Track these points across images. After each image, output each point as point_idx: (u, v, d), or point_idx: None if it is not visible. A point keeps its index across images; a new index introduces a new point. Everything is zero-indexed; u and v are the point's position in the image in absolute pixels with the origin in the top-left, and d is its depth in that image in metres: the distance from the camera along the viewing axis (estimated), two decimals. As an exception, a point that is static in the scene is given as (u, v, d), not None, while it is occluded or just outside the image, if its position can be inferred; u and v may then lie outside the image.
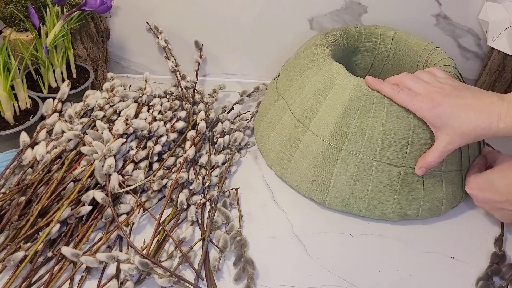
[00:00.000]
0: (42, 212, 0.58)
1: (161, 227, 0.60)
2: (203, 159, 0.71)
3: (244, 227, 0.65)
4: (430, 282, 0.59)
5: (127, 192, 0.64)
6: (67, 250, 0.53)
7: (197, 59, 0.92)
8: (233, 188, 0.70)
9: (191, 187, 0.67)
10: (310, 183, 0.67)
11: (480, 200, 0.62)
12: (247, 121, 0.83)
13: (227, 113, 0.83)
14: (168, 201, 0.64)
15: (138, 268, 0.53)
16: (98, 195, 0.59)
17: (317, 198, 0.67)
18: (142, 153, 0.68)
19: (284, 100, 0.72)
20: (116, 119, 0.72)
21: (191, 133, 0.73)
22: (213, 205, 0.65)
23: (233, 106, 0.85)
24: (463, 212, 0.69)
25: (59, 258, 0.56)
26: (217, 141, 0.74)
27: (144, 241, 0.59)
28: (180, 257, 0.57)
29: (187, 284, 0.54)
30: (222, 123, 0.79)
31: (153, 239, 0.59)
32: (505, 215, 0.62)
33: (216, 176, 0.70)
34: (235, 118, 0.84)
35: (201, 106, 0.80)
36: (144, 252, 0.55)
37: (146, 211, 0.63)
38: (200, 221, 0.64)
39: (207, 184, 0.68)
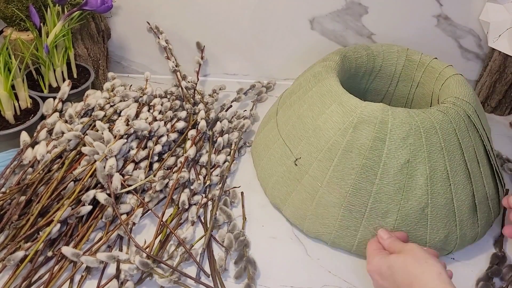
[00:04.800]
0: (42, 211, 0.58)
1: (163, 226, 0.60)
2: (204, 159, 0.71)
3: (244, 227, 0.65)
4: (430, 283, 0.59)
5: (127, 192, 0.64)
6: (67, 250, 0.53)
7: (198, 60, 0.92)
8: (234, 187, 0.70)
9: (192, 187, 0.67)
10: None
11: (377, 286, 0.53)
12: (244, 118, 0.83)
13: (226, 111, 0.83)
14: (169, 201, 0.64)
15: (138, 268, 0.53)
16: (101, 196, 0.59)
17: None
18: (143, 153, 0.68)
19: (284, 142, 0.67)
20: (117, 119, 0.72)
21: (192, 132, 0.73)
22: (215, 205, 0.65)
23: (231, 104, 0.85)
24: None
25: (59, 258, 0.56)
26: (216, 140, 0.74)
27: (145, 241, 0.59)
28: (182, 254, 0.57)
29: (189, 280, 0.54)
30: (221, 122, 0.79)
31: (156, 237, 0.59)
32: None
33: (217, 176, 0.70)
34: (232, 117, 0.84)
35: (201, 106, 0.80)
36: (146, 251, 0.55)
37: (149, 211, 0.63)
38: (203, 220, 0.64)
39: (207, 183, 0.68)
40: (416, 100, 0.78)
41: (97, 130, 0.67)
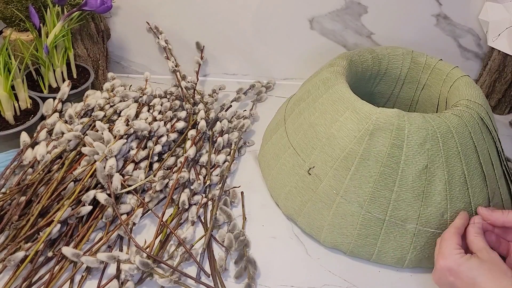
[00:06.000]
0: (43, 212, 0.59)
1: (163, 226, 0.60)
2: (203, 159, 0.71)
3: (244, 227, 0.65)
4: (430, 282, 0.59)
5: (127, 192, 0.64)
6: (67, 250, 0.53)
7: (197, 60, 0.92)
8: (234, 187, 0.70)
9: (192, 187, 0.67)
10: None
11: (443, 281, 0.52)
12: (244, 117, 0.83)
13: (225, 111, 0.83)
14: (170, 201, 0.64)
15: (138, 268, 0.53)
16: (101, 196, 0.59)
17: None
18: (143, 153, 0.68)
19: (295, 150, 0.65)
20: (117, 119, 0.72)
21: (192, 132, 0.73)
22: (215, 204, 0.65)
23: (231, 104, 0.85)
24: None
25: (60, 258, 0.56)
26: (216, 140, 0.74)
27: (145, 241, 0.59)
28: (183, 254, 0.57)
29: (189, 280, 0.54)
30: (220, 122, 0.79)
31: (156, 237, 0.59)
32: None
33: (217, 175, 0.70)
34: (232, 117, 0.84)
35: (201, 106, 0.80)
36: (147, 251, 0.55)
37: (149, 211, 0.63)
38: (203, 220, 0.64)
39: (207, 183, 0.68)
40: (421, 102, 0.78)
41: (97, 131, 0.67)
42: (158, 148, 0.70)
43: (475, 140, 0.59)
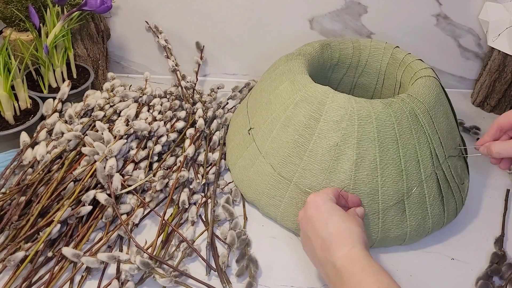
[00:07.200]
0: (43, 212, 0.58)
1: (165, 225, 0.60)
2: (201, 157, 0.71)
3: (245, 226, 0.65)
4: (430, 282, 0.59)
5: (127, 192, 0.64)
6: (68, 251, 0.53)
7: (197, 60, 0.92)
8: (229, 182, 0.70)
9: (191, 186, 0.67)
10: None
11: (302, 213, 0.56)
12: (228, 111, 0.84)
13: (222, 108, 0.83)
14: (169, 201, 0.64)
15: (139, 268, 0.53)
16: (101, 196, 0.59)
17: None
18: (142, 153, 0.68)
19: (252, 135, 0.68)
20: (116, 119, 0.72)
21: (190, 131, 0.73)
22: (211, 198, 0.65)
23: (228, 101, 0.85)
24: (463, 212, 0.69)
25: (60, 258, 0.56)
26: (211, 138, 0.75)
27: (146, 241, 0.59)
28: (185, 250, 0.57)
29: (190, 280, 0.54)
30: (217, 119, 0.79)
31: (158, 236, 0.59)
32: (306, 244, 0.55)
33: (213, 174, 0.70)
34: (223, 115, 0.82)
35: (199, 105, 0.80)
36: (148, 251, 0.55)
37: (151, 211, 0.63)
38: (204, 219, 0.64)
39: (204, 181, 0.68)
40: None
41: (97, 131, 0.67)
42: (158, 148, 0.70)
43: (397, 132, 0.59)
